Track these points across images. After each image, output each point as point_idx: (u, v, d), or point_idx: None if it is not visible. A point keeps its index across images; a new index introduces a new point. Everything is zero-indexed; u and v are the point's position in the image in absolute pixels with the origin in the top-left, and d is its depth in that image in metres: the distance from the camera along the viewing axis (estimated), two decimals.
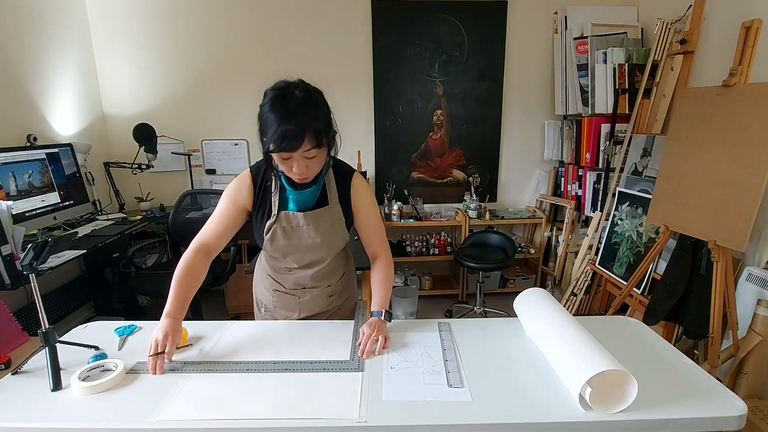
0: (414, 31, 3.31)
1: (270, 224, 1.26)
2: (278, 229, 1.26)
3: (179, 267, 1.22)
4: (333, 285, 1.42)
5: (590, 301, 2.97)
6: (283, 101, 1.07)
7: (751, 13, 2.08)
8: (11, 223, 1.88)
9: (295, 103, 1.07)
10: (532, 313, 1.24)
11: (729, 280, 1.89)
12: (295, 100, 1.08)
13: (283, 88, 1.10)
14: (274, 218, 1.25)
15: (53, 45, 2.84)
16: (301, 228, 1.26)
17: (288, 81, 1.13)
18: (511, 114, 3.53)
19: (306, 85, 1.14)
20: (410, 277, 3.45)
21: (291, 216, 1.26)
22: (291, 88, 1.10)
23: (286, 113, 1.06)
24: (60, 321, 2.76)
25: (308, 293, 1.39)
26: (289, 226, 1.26)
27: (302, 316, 1.42)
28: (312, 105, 1.09)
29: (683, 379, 1.03)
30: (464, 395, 0.98)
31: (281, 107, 1.07)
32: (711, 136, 1.95)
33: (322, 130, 1.10)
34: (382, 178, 3.54)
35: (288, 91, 1.09)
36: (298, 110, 1.06)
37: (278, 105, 1.07)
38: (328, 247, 1.32)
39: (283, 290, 1.41)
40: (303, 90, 1.11)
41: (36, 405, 0.96)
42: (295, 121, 1.05)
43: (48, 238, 1.11)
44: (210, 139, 3.41)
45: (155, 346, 1.08)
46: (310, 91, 1.12)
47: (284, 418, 0.91)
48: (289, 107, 1.06)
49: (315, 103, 1.11)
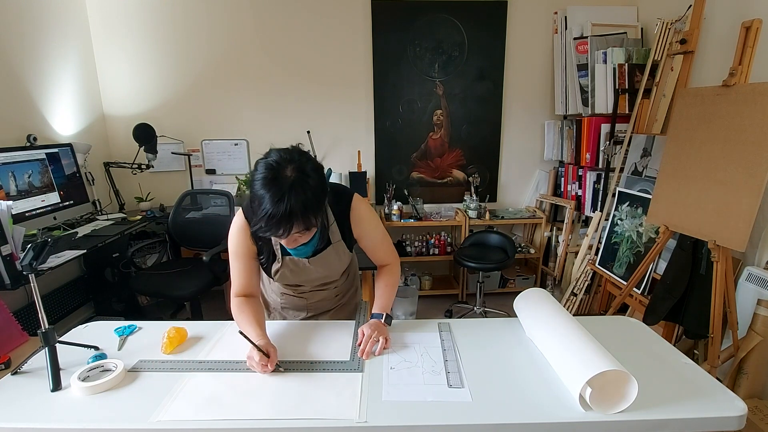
0: (414, 31, 3.30)
1: (277, 268, 1.28)
2: (286, 271, 1.29)
3: (234, 311, 1.23)
4: (339, 285, 1.46)
5: (590, 301, 2.97)
6: (273, 183, 1.00)
7: (751, 13, 2.08)
8: (11, 223, 1.88)
9: (286, 186, 0.99)
10: (532, 313, 1.24)
11: (729, 280, 1.89)
12: (285, 182, 1.00)
13: (275, 167, 1.02)
14: (280, 263, 1.27)
15: (53, 45, 2.84)
16: (308, 268, 1.29)
17: (282, 155, 1.04)
18: (511, 114, 3.53)
19: (302, 163, 1.04)
20: (410, 277, 3.45)
21: (296, 260, 1.27)
22: (282, 167, 1.01)
23: (275, 198, 0.99)
24: (60, 321, 2.75)
25: (316, 295, 1.43)
26: (296, 267, 1.28)
27: (310, 315, 1.47)
28: (303, 188, 1.01)
29: (683, 379, 1.03)
30: (464, 395, 0.98)
31: (270, 189, 1.00)
32: (711, 136, 1.95)
33: (311, 215, 1.04)
34: (382, 178, 3.54)
35: (279, 170, 1.01)
36: (287, 195, 0.99)
37: (268, 185, 1.00)
38: (336, 275, 1.38)
39: (292, 293, 1.43)
40: (295, 170, 1.02)
41: (36, 405, 0.96)
42: (283, 208, 0.98)
43: (48, 238, 1.11)
44: (210, 139, 3.41)
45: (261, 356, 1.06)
46: (303, 172, 1.03)
47: (284, 418, 0.91)
48: (279, 190, 0.99)
49: (306, 186, 1.02)
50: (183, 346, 1.21)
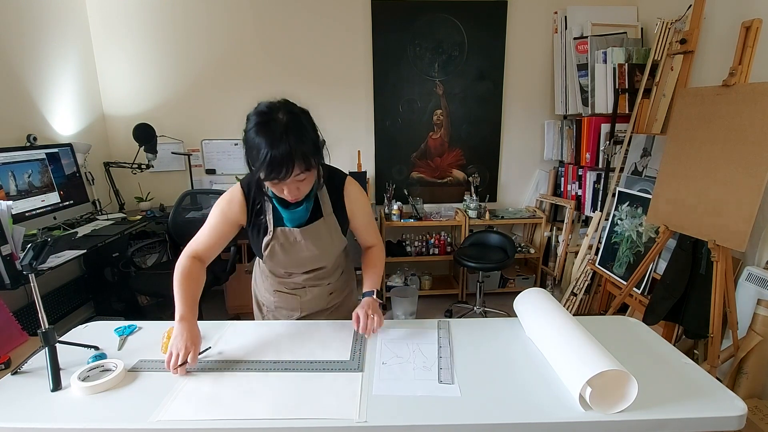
0: (414, 31, 3.30)
1: (267, 241, 1.26)
2: (276, 245, 1.27)
3: (178, 273, 1.20)
4: (333, 282, 1.44)
5: (590, 301, 2.97)
6: (267, 127, 1.02)
7: (751, 13, 2.08)
8: (11, 223, 1.88)
9: (281, 128, 1.02)
10: (532, 313, 1.24)
11: (729, 280, 1.89)
12: (279, 124, 1.02)
13: (267, 112, 1.04)
14: (271, 235, 1.26)
15: (53, 45, 2.84)
16: (298, 243, 1.27)
17: (271, 103, 1.07)
18: (511, 114, 3.53)
19: (290, 106, 1.08)
20: (410, 277, 3.45)
21: (288, 232, 1.26)
22: (274, 112, 1.04)
23: (272, 139, 1.01)
24: (60, 321, 2.75)
25: (309, 292, 1.41)
26: (287, 241, 1.27)
27: (304, 314, 1.43)
28: (297, 127, 1.04)
29: (683, 379, 1.03)
30: (453, 391, 0.99)
31: (266, 132, 1.01)
32: (711, 136, 1.95)
33: (310, 153, 1.05)
34: (382, 178, 3.54)
35: (272, 115, 1.04)
36: (284, 135, 1.01)
37: (263, 130, 1.02)
38: (327, 256, 1.35)
39: (284, 291, 1.42)
40: (287, 113, 1.05)
41: (36, 405, 0.96)
42: (282, 147, 1.00)
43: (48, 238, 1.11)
44: (210, 139, 3.41)
45: (176, 357, 1.04)
46: (294, 113, 1.06)
47: (284, 418, 0.91)
48: (274, 133, 1.01)
49: (300, 124, 1.05)
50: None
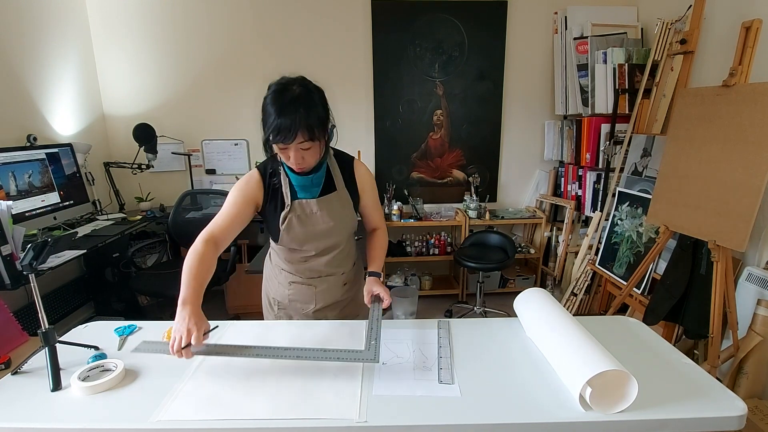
0: (414, 31, 3.30)
1: (285, 214, 1.31)
2: (293, 217, 1.32)
3: (190, 256, 1.15)
4: (347, 273, 1.48)
5: (590, 301, 2.97)
6: (281, 96, 1.14)
7: (751, 13, 2.08)
8: (11, 223, 1.88)
9: (292, 98, 1.14)
10: (532, 313, 1.24)
11: (729, 280, 1.89)
12: (291, 94, 1.14)
13: (284, 83, 1.17)
14: (288, 208, 1.31)
15: (53, 45, 2.84)
16: (315, 214, 1.33)
17: (290, 77, 1.20)
18: (511, 114, 3.53)
19: (306, 82, 1.20)
20: (410, 277, 3.45)
21: (304, 204, 1.32)
22: (291, 84, 1.17)
23: (282, 107, 1.13)
24: (60, 321, 2.75)
25: (324, 282, 1.44)
26: (303, 213, 1.33)
27: (318, 307, 1.46)
28: (307, 101, 1.15)
29: (683, 379, 1.03)
30: (453, 391, 0.99)
31: (278, 101, 1.14)
32: (711, 136, 1.95)
33: (315, 125, 1.15)
34: (382, 178, 3.54)
35: (287, 86, 1.16)
36: (293, 105, 1.13)
37: (276, 99, 1.14)
38: (341, 231, 1.39)
39: (300, 281, 1.44)
40: (302, 86, 1.17)
41: (36, 405, 0.96)
42: (290, 115, 1.12)
43: (48, 238, 1.11)
44: (210, 139, 3.41)
45: (179, 340, 0.98)
46: (308, 88, 1.18)
47: (284, 418, 0.91)
48: (285, 101, 1.13)
49: (310, 99, 1.16)
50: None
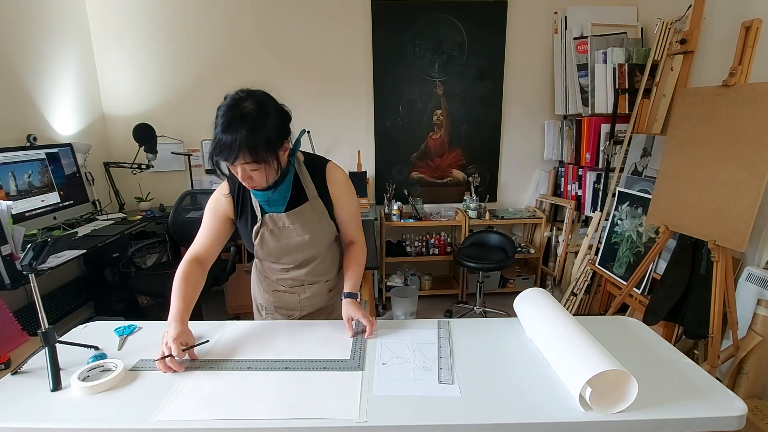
0: (414, 31, 3.30)
1: (257, 228, 1.27)
2: (265, 232, 1.27)
3: (176, 277, 1.22)
4: (331, 279, 1.44)
5: (590, 301, 2.97)
6: (229, 111, 1.05)
7: (751, 13, 2.08)
8: (11, 223, 1.88)
9: (240, 115, 1.04)
10: (532, 313, 1.24)
11: (729, 280, 1.89)
12: (240, 111, 1.05)
13: (237, 98, 1.08)
14: (260, 222, 1.26)
15: (53, 45, 2.84)
16: (287, 228, 1.27)
17: (249, 90, 1.10)
18: (511, 114, 3.53)
19: (264, 99, 1.09)
20: (410, 277, 3.45)
21: (276, 217, 1.26)
22: (244, 99, 1.07)
23: (227, 123, 1.04)
24: (60, 321, 2.75)
25: (308, 289, 1.41)
26: (276, 227, 1.27)
27: (304, 314, 1.43)
28: (256, 120, 1.05)
29: (683, 379, 1.03)
30: (453, 391, 0.99)
31: (225, 115, 1.05)
32: (711, 136, 1.95)
33: (260, 146, 1.05)
34: (382, 178, 3.54)
35: (240, 102, 1.07)
36: (238, 123, 1.03)
37: (224, 113, 1.06)
38: (318, 243, 1.33)
39: (283, 289, 1.41)
40: (255, 103, 1.07)
41: (36, 405, 0.96)
42: (232, 134, 1.03)
43: (48, 238, 1.11)
44: (210, 139, 3.40)
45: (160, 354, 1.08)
46: (262, 106, 1.07)
47: (284, 418, 0.91)
48: (231, 118, 1.04)
49: (261, 118, 1.06)
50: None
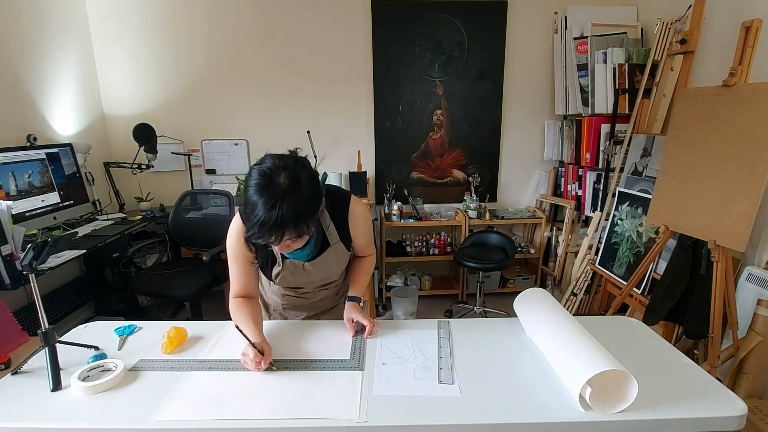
0: (414, 31, 3.30)
1: (277, 272, 1.29)
2: (287, 274, 1.29)
3: (232, 312, 1.24)
4: (339, 284, 1.49)
5: (590, 301, 2.97)
6: (266, 190, 0.99)
7: (751, 13, 2.08)
8: (11, 223, 1.88)
9: (279, 194, 0.99)
10: (532, 313, 1.24)
11: (729, 280, 1.89)
12: (279, 190, 0.99)
13: (268, 174, 1.01)
14: (280, 267, 1.27)
15: (53, 45, 2.84)
16: (309, 270, 1.30)
17: (276, 161, 1.03)
18: (511, 114, 3.53)
19: (295, 169, 1.03)
20: (410, 277, 3.45)
21: (297, 263, 1.28)
22: (276, 174, 1.01)
23: (267, 205, 0.98)
24: (60, 321, 2.75)
25: (318, 294, 1.45)
26: (297, 269, 1.29)
27: (312, 313, 1.49)
28: (295, 196, 1.00)
29: (683, 379, 1.03)
30: (453, 391, 0.99)
31: (263, 195, 0.99)
32: (711, 136, 1.95)
33: (302, 222, 1.02)
34: (382, 178, 3.54)
35: (273, 177, 1.00)
36: (279, 201, 0.98)
37: (261, 192, 1.00)
38: (335, 275, 1.40)
39: (293, 295, 1.44)
40: (289, 177, 1.01)
41: (36, 405, 0.96)
42: (275, 215, 0.98)
43: (48, 238, 1.11)
44: (210, 139, 3.41)
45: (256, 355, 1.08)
46: (296, 180, 1.02)
47: (284, 418, 0.91)
48: (270, 197, 0.98)
49: (298, 192, 1.01)
50: (183, 346, 1.21)
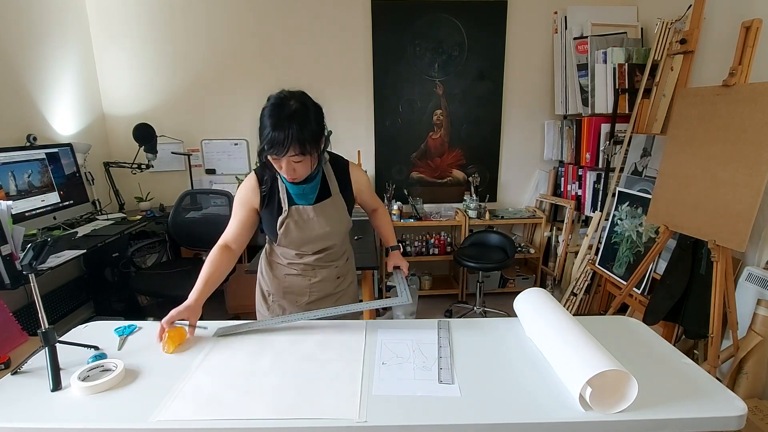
0: (414, 31, 3.30)
1: (282, 219, 1.36)
2: (291, 223, 1.37)
3: (208, 257, 1.32)
4: (340, 266, 1.53)
5: (590, 301, 2.97)
6: (277, 109, 1.17)
7: (751, 13, 2.08)
8: (11, 223, 1.88)
9: (288, 113, 1.16)
10: (532, 313, 1.24)
11: (729, 280, 1.89)
12: (288, 109, 1.17)
13: (282, 97, 1.20)
14: (286, 213, 1.36)
15: (53, 45, 2.84)
16: (311, 219, 1.38)
17: (290, 91, 1.22)
18: (511, 114, 3.53)
19: (305, 98, 1.22)
20: (410, 277, 3.45)
21: (301, 210, 1.37)
22: (289, 98, 1.19)
23: (277, 121, 1.16)
24: (60, 321, 2.75)
25: (318, 274, 1.49)
26: (301, 219, 1.38)
27: (312, 299, 1.50)
28: (302, 117, 1.17)
29: (683, 379, 1.03)
30: (453, 391, 0.99)
31: (274, 114, 1.17)
32: (711, 136, 1.95)
33: (307, 141, 1.18)
34: (382, 178, 3.54)
35: (285, 100, 1.19)
36: (287, 120, 1.15)
37: (273, 112, 1.18)
38: (337, 234, 1.46)
39: (295, 273, 1.48)
40: (299, 101, 1.19)
41: (36, 405, 0.96)
42: (283, 130, 1.15)
43: (47, 238, 1.11)
44: (210, 139, 3.41)
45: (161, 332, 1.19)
46: (305, 104, 1.20)
47: (284, 418, 0.91)
48: (281, 116, 1.16)
49: (306, 115, 1.19)
50: (183, 345, 1.21)
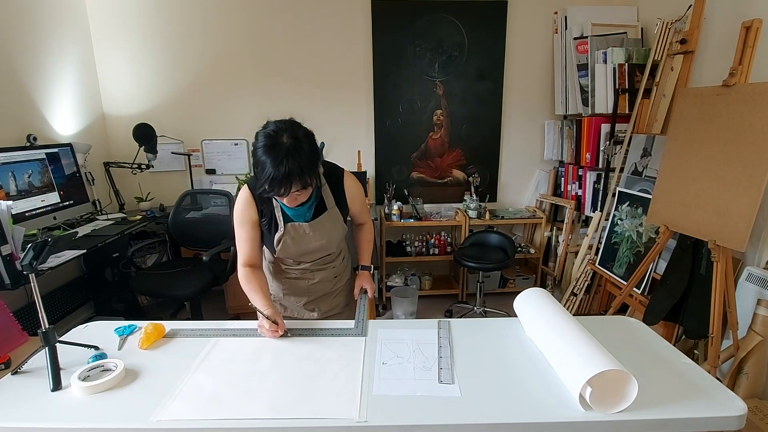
0: (414, 31, 3.30)
1: (279, 237, 1.38)
2: (288, 239, 1.39)
3: (242, 282, 1.36)
4: (337, 266, 1.56)
5: (590, 301, 2.97)
6: (271, 150, 1.16)
7: (751, 13, 2.08)
8: (11, 223, 1.88)
9: (283, 153, 1.16)
10: (532, 313, 1.24)
11: (729, 280, 1.89)
12: (282, 149, 1.16)
13: (273, 136, 1.18)
14: (282, 231, 1.38)
15: (53, 45, 2.84)
16: (308, 235, 1.40)
17: (278, 125, 1.21)
18: (511, 114, 3.53)
19: (294, 129, 1.21)
20: (410, 277, 3.45)
21: (297, 226, 1.39)
22: (279, 134, 1.18)
23: (273, 162, 1.15)
24: (60, 321, 2.75)
25: (316, 275, 1.51)
26: (297, 234, 1.39)
27: (311, 299, 1.54)
28: (298, 153, 1.17)
29: (683, 379, 1.03)
30: (453, 391, 0.99)
31: (270, 154, 1.16)
32: (711, 136, 1.95)
33: (307, 174, 1.19)
34: (382, 178, 3.54)
35: (277, 137, 1.18)
36: (284, 159, 1.15)
37: (267, 152, 1.17)
38: (332, 244, 1.48)
39: (294, 276, 1.51)
40: (291, 136, 1.18)
41: (36, 405, 0.96)
42: (282, 172, 1.15)
43: (48, 238, 1.11)
44: (210, 139, 3.41)
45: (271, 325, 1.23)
46: (297, 138, 1.19)
47: (284, 418, 0.91)
48: (277, 156, 1.15)
49: (300, 150, 1.18)
50: (183, 345, 1.21)
